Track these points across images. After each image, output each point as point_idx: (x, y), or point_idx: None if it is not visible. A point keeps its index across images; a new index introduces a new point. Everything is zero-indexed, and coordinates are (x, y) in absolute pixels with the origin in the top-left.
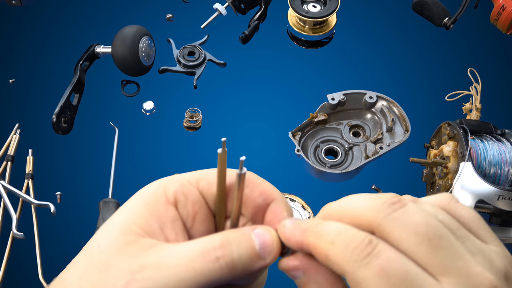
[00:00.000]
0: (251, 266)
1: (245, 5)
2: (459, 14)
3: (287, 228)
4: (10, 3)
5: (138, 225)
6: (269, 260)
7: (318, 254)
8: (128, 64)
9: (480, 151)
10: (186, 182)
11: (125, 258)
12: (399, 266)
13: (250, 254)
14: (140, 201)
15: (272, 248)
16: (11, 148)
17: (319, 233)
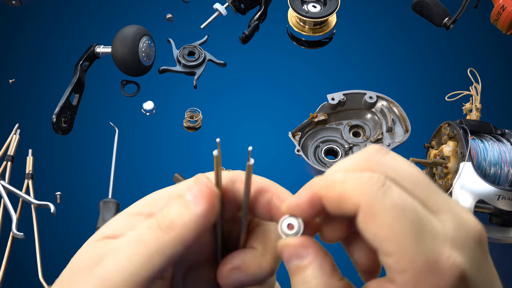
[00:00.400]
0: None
1: (245, 5)
2: (459, 14)
3: (292, 197)
4: (10, 3)
5: (114, 231)
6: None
7: (330, 198)
8: (128, 64)
9: (480, 151)
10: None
11: (87, 259)
12: (410, 202)
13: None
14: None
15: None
16: (11, 148)
17: (327, 179)
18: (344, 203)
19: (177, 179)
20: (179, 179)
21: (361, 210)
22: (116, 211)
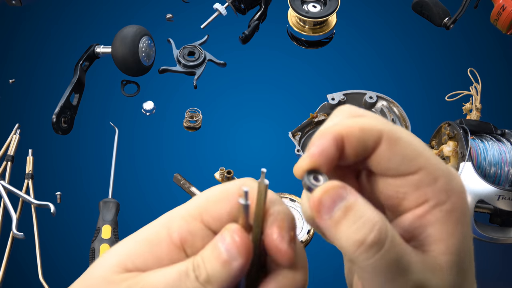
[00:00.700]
0: (229, 272)
1: (245, 5)
2: (459, 14)
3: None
4: (10, 3)
5: (135, 263)
6: (241, 260)
7: (352, 133)
8: (128, 64)
9: (480, 151)
10: (189, 217)
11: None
12: None
13: (221, 263)
14: (141, 238)
15: (237, 248)
16: (11, 148)
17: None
18: (368, 134)
19: (177, 179)
20: (179, 179)
21: (385, 137)
22: (116, 211)
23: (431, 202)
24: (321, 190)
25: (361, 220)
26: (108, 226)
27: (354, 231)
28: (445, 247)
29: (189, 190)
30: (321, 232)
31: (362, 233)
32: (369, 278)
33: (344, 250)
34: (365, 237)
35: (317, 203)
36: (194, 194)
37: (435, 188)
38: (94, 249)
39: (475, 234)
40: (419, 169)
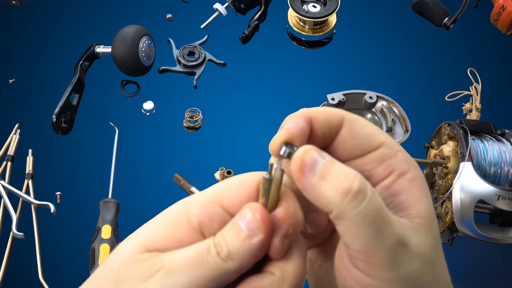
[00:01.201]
0: (249, 248)
1: (245, 5)
2: (459, 14)
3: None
4: (10, 3)
5: (156, 245)
6: (262, 235)
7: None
8: (128, 64)
9: (480, 151)
10: (208, 202)
11: (136, 269)
12: None
13: (242, 239)
14: (162, 222)
15: (258, 224)
16: (11, 148)
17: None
18: (332, 116)
19: (177, 179)
20: (179, 179)
21: (346, 119)
22: (116, 211)
23: (396, 172)
24: (302, 151)
25: (343, 172)
26: (108, 226)
27: (339, 182)
28: (416, 211)
29: (189, 190)
30: (305, 193)
31: (347, 182)
32: (356, 233)
33: (331, 204)
34: (351, 185)
35: (300, 162)
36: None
37: (397, 159)
38: (94, 249)
39: (475, 234)
40: (380, 144)
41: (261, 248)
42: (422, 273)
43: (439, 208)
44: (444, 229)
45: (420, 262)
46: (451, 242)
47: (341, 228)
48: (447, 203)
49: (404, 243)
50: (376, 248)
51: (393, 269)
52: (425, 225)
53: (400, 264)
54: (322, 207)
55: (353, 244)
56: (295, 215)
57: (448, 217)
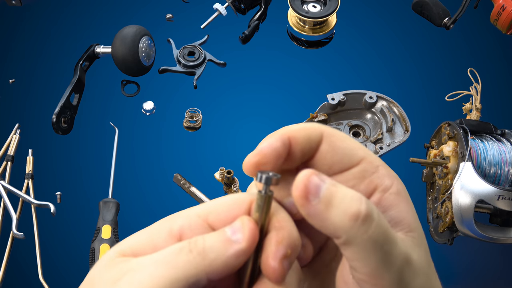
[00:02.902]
0: (227, 253)
1: (245, 5)
2: (459, 14)
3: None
4: (10, 3)
5: (133, 250)
6: (244, 244)
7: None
8: (128, 64)
9: (480, 151)
10: (194, 215)
11: (109, 273)
12: None
13: (222, 241)
14: (145, 229)
15: (244, 233)
16: (11, 148)
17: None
18: (310, 133)
19: (177, 179)
20: (179, 179)
21: (326, 134)
22: (116, 211)
23: (380, 188)
24: (303, 176)
25: (348, 196)
26: (108, 226)
27: (346, 207)
28: (408, 225)
29: (189, 190)
30: (310, 220)
31: (355, 206)
32: (367, 257)
33: (339, 230)
34: (359, 209)
35: (303, 188)
36: (194, 194)
37: (379, 174)
38: (94, 249)
39: (475, 234)
40: (361, 160)
41: (237, 257)
42: None
43: (439, 208)
44: (444, 229)
45: (422, 276)
46: (451, 242)
47: (349, 253)
48: (447, 203)
49: (409, 260)
50: (386, 270)
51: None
52: (418, 238)
53: (407, 283)
54: (328, 233)
55: (362, 268)
56: (291, 235)
57: (448, 217)
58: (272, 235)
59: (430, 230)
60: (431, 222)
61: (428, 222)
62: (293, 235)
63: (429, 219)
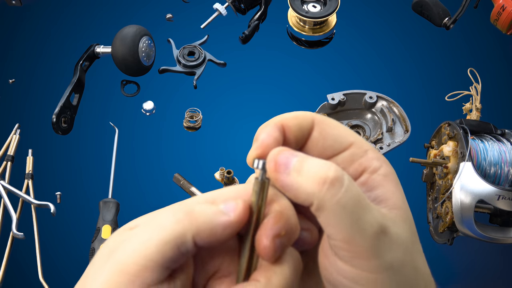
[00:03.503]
0: (214, 221)
1: (245, 5)
2: (459, 14)
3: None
4: (10, 3)
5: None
6: (232, 216)
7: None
8: (128, 64)
9: (480, 151)
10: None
11: (105, 246)
12: None
13: (212, 211)
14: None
15: (235, 208)
16: (11, 148)
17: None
18: (302, 120)
19: (177, 179)
20: (179, 179)
21: (317, 121)
22: (116, 211)
23: (369, 170)
24: (274, 152)
25: (318, 164)
26: (108, 226)
27: (315, 172)
28: (393, 203)
29: (189, 190)
30: (286, 193)
31: (322, 171)
32: (338, 222)
33: (310, 196)
34: (326, 174)
35: (274, 163)
36: (194, 194)
37: (368, 157)
38: (94, 249)
39: (475, 234)
40: (350, 144)
41: (224, 228)
42: (404, 264)
43: (439, 208)
44: (444, 229)
45: (402, 252)
46: (451, 242)
47: (322, 219)
48: (447, 203)
49: (386, 231)
50: (358, 236)
51: (377, 258)
52: (403, 216)
53: (383, 253)
54: (302, 201)
55: (335, 234)
56: (288, 218)
57: (448, 217)
58: (269, 216)
59: (430, 230)
60: (431, 222)
61: (428, 222)
62: (289, 218)
63: (429, 219)
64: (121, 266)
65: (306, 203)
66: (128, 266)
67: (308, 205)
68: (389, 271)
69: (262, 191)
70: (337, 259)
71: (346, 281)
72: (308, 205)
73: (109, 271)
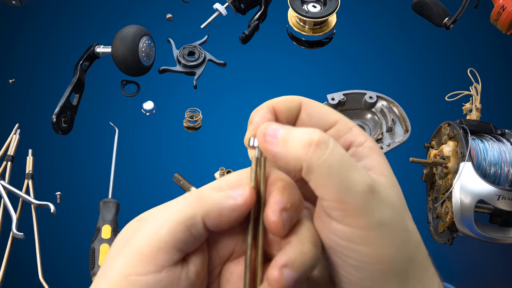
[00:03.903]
0: (222, 204)
1: (245, 5)
2: (459, 14)
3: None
4: (10, 3)
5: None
6: (239, 199)
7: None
8: (128, 64)
9: (480, 151)
10: (208, 188)
11: (121, 236)
12: None
13: (221, 196)
14: (163, 204)
15: (242, 192)
16: (11, 148)
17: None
18: (291, 102)
19: (177, 179)
20: (179, 179)
21: (304, 102)
22: (116, 211)
23: (355, 144)
24: (262, 126)
25: (303, 130)
26: (108, 226)
27: (300, 137)
28: (380, 171)
29: (189, 190)
30: (277, 162)
31: (308, 136)
32: (326, 182)
33: (298, 159)
34: (311, 137)
35: (263, 135)
36: None
37: (353, 133)
38: (94, 249)
39: (475, 234)
40: (336, 122)
41: (232, 210)
42: (394, 223)
43: (439, 208)
44: (444, 229)
45: (392, 211)
46: (451, 242)
47: (313, 182)
48: (447, 203)
49: (374, 190)
50: (348, 194)
51: (367, 216)
52: (390, 182)
53: (373, 210)
54: (293, 167)
55: (326, 194)
56: (291, 192)
57: (448, 217)
58: (273, 193)
59: (430, 230)
60: (431, 222)
61: (428, 222)
62: (292, 191)
63: (429, 219)
64: (137, 249)
65: (296, 168)
66: (142, 249)
67: (299, 170)
68: (380, 228)
69: (260, 167)
70: (331, 220)
71: (341, 241)
72: (298, 170)
73: (125, 255)
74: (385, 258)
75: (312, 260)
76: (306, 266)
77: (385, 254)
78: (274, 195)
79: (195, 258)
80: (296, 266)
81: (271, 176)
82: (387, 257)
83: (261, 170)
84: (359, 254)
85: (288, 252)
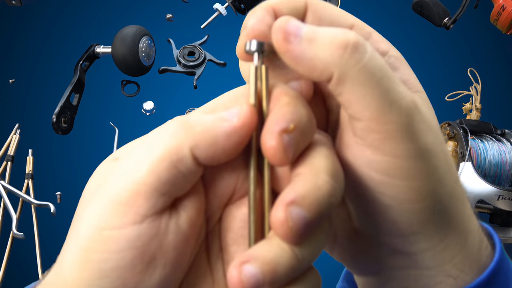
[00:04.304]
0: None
1: (245, 5)
2: (459, 14)
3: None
4: (10, 3)
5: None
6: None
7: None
8: (128, 64)
9: (480, 151)
10: (199, 112)
11: (94, 176)
12: None
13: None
14: None
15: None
16: (11, 148)
17: None
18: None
19: None
20: None
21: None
22: None
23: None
24: (281, 20)
25: (334, 30)
26: None
27: (332, 37)
28: (413, 85)
29: None
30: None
31: (342, 36)
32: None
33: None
34: (346, 37)
35: (282, 31)
36: None
37: (373, 40)
38: None
39: None
40: (351, 26)
41: (228, 135)
42: (437, 150)
43: None
44: None
45: (434, 134)
46: None
47: (346, 95)
48: None
49: (418, 107)
50: (390, 111)
51: (411, 140)
52: (426, 99)
53: (417, 133)
54: (319, 74)
55: (362, 110)
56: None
57: None
58: (273, 111)
59: None
60: None
61: None
62: (298, 108)
63: None
64: (110, 196)
65: (323, 76)
66: (117, 195)
67: (326, 79)
68: (423, 156)
69: (261, 80)
70: (365, 148)
71: (376, 175)
72: (326, 78)
73: (97, 204)
74: (427, 194)
75: (330, 196)
76: (322, 204)
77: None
78: (274, 113)
79: (187, 203)
80: (307, 204)
81: (275, 91)
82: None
83: (263, 83)
84: (397, 191)
85: (296, 186)
